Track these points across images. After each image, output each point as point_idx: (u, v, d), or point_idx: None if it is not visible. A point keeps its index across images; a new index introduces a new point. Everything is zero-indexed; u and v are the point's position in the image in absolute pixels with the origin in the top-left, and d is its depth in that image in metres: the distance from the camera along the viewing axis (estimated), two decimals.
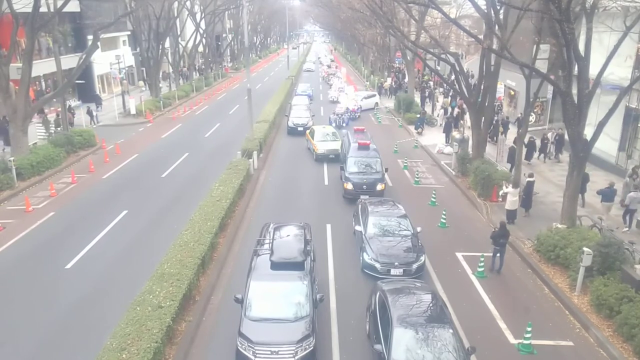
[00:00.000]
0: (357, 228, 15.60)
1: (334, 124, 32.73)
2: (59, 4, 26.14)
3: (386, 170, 21.29)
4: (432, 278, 14.33)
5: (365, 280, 13.94)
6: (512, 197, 17.57)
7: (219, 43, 74.68)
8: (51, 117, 30.66)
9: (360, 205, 16.77)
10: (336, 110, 35.99)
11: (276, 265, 11.57)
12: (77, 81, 32.03)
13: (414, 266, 13.86)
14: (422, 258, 14.17)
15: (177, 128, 34.56)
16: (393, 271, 13.74)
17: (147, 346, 9.59)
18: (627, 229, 17.06)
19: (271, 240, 12.45)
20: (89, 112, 34.61)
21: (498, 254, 14.65)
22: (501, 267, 14.78)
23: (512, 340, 11.63)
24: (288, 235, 12.85)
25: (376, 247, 14.24)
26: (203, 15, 53.84)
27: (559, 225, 15.75)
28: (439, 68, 49.44)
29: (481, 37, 22.14)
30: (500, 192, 18.76)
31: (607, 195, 17.80)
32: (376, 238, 14.64)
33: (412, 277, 13.58)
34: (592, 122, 18.72)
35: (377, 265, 13.91)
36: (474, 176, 21.19)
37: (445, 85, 40.99)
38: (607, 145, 22.74)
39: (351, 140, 22.85)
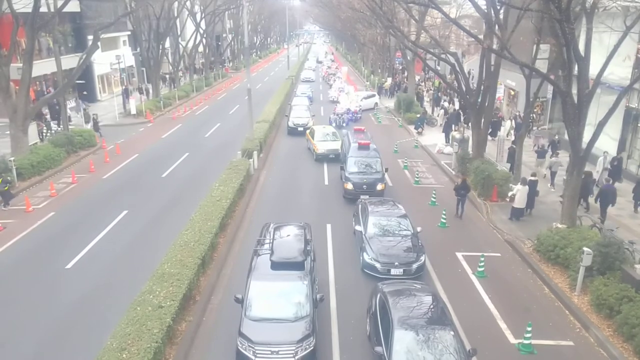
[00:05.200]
0: (357, 228, 15.59)
1: (334, 124, 32.72)
2: (59, 4, 26.15)
3: (386, 170, 21.29)
4: (432, 278, 14.33)
5: (366, 280, 13.95)
6: (521, 195, 17.65)
7: (219, 43, 74.68)
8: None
9: (360, 205, 16.76)
10: (336, 110, 35.99)
11: (276, 265, 11.57)
12: (77, 81, 32.03)
13: (414, 266, 13.86)
14: (422, 258, 14.18)
15: (177, 128, 34.55)
16: (393, 271, 13.74)
17: (147, 346, 9.60)
18: (553, 189, 21.21)
19: (271, 240, 12.45)
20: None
21: (460, 204, 18.48)
22: (462, 214, 18.57)
23: (513, 340, 11.63)
24: (288, 235, 12.85)
25: (376, 247, 14.24)
26: (203, 15, 53.84)
27: (559, 225, 15.75)
28: (438, 68, 49.30)
29: (481, 37, 22.13)
30: (510, 194, 18.83)
31: (540, 153, 23.66)
32: (376, 238, 14.64)
33: (412, 277, 13.59)
34: (592, 122, 18.73)
35: (377, 265, 13.91)
36: (474, 176, 21.17)
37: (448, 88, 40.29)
38: (607, 145, 22.71)
39: (351, 140, 22.85)
